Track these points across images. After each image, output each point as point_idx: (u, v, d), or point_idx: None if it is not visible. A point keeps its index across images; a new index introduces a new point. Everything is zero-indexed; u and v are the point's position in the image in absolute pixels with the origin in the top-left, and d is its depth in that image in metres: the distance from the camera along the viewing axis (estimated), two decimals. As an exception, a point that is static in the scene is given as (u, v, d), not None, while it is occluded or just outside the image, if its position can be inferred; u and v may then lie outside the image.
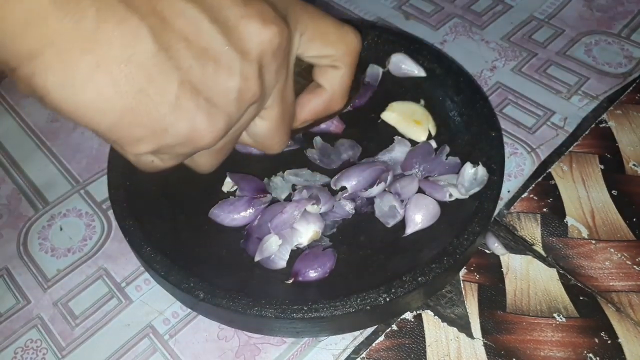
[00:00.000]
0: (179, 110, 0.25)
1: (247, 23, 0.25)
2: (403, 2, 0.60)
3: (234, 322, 0.37)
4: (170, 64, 0.24)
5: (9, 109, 0.53)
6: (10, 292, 0.41)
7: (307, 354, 0.37)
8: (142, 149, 0.26)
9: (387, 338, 0.37)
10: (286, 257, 0.38)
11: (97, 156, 0.49)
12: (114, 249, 0.43)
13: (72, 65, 0.22)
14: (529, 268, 0.40)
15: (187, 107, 0.25)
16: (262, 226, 0.39)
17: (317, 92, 0.33)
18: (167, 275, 0.36)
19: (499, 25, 0.57)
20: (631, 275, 0.39)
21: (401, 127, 0.45)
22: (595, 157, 0.46)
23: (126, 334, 0.38)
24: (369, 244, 0.39)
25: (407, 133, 0.45)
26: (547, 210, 0.43)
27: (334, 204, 0.40)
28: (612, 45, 0.54)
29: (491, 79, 0.52)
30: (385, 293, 0.34)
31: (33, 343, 0.38)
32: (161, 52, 0.23)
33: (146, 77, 0.23)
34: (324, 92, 0.33)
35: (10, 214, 0.46)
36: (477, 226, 0.37)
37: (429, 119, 0.45)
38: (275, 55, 0.27)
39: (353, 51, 0.32)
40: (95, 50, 0.22)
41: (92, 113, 0.23)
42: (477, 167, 0.40)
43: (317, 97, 0.33)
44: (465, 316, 0.38)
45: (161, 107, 0.24)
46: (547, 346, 0.36)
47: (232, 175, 0.42)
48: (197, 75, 0.25)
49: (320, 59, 0.32)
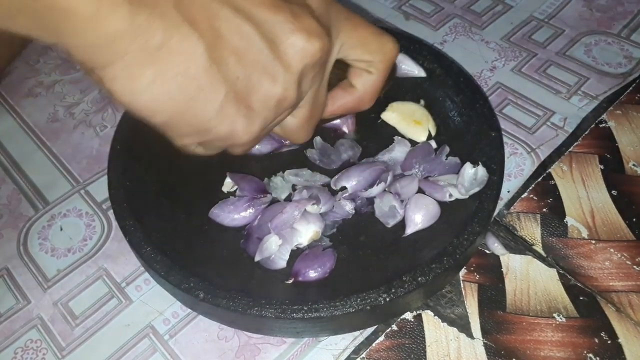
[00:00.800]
0: (222, 116, 0.28)
1: (294, 38, 0.28)
2: (403, 2, 0.60)
3: (234, 322, 0.37)
4: (219, 77, 0.27)
5: (9, 109, 0.53)
6: (10, 292, 0.41)
7: (307, 354, 0.37)
8: (187, 142, 0.30)
9: (387, 338, 0.37)
10: (286, 257, 0.38)
11: (97, 156, 0.49)
12: (114, 249, 0.43)
13: (135, 76, 0.25)
14: (529, 268, 0.40)
15: (230, 113, 0.28)
16: (262, 226, 0.39)
17: (350, 91, 0.36)
18: (167, 275, 0.36)
19: (499, 25, 0.57)
20: (631, 275, 0.39)
21: (401, 127, 0.45)
22: (595, 157, 0.46)
23: (126, 334, 0.38)
24: (369, 244, 0.39)
25: (407, 133, 0.45)
26: (547, 210, 0.43)
27: (334, 204, 0.40)
28: (612, 46, 0.54)
29: (491, 79, 0.52)
30: (385, 293, 0.34)
31: (33, 343, 0.38)
32: (213, 66, 0.26)
33: (196, 88, 0.27)
34: (355, 92, 0.36)
35: (10, 214, 0.46)
36: (477, 226, 0.37)
37: (429, 119, 0.45)
38: (315, 66, 0.29)
39: (390, 59, 0.35)
40: (155, 65, 0.25)
41: (148, 112, 0.27)
42: (477, 167, 0.40)
43: (348, 95, 0.36)
44: (465, 316, 0.38)
45: (207, 112, 0.28)
46: (547, 346, 0.36)
47: (232, 176, 0.42)
48: (242, 85, 0.28)
49: (357, 62, 0.34)
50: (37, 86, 0.55)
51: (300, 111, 0.33)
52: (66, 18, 0.23)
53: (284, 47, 0.28)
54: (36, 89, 0.55)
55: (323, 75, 0.32)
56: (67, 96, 0.54)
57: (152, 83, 0.26)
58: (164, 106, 0.27)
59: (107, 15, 0.23)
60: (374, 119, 0.46)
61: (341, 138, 0.45)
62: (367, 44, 0.33)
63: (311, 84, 0.31)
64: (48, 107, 0.53)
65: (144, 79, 0.25)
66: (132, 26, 0.24)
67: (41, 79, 0.56)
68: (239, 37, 0.27)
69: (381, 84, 0.36)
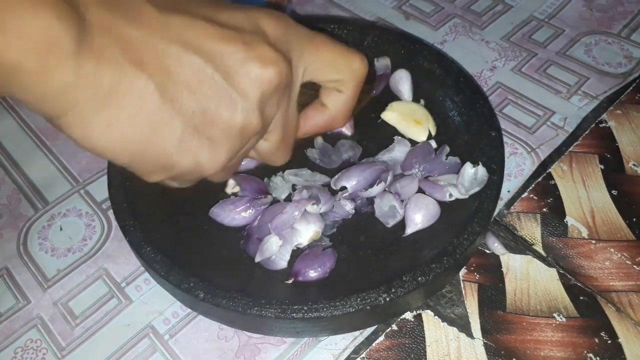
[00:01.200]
0: (183, 150, 0.28)
1: (248, 67, 0.28)
2: (403, 2, 0.60)
3: (234, 322, 0.37)
4: (174, 113, 0.27)
5: (9, 109, 0.53)
6: (10, 292, 0.41)
7: (307, 354, 0.37)
8: (155, 179, 0.30)
9: (387, 338, 0.37)
10: (287, 258, 0.38)
11: (97, 156, 0.49)
12: (114, 249, 0.43)
13: (89, 123, 0.26)
14: (529, 268, 0.40)
15: (190, 147, 0.28)
16: (262, 227, 0.39)
17: (321, 110, 0.36)
18: (167, 275, 0.36)
19: (499, 25, 0.57)
20: (631, 275, 0.39)
21: (401, 127, 0.45)
22: (595, 157, 0.46)
23: (126, 334, 0.38)
24: (369, 244, 0.39)
25: (407, 133, 0.45)
26: (547, 210, 0.43)
27: (334, 204, 0.40)
28: (612, 45, 0.54)
29: (491, 79, 0.52)
30: (385, 293, 0.34)
31: (33, 343, 0.38)
32: (166, 103, 0.27)
33: (152, 127, 0.27)
34: (327, 111, 0.35)
35: (10, 213, 0.46)
36: (477, 226, 0.37)
37: (429, 119, 0.45)
38: (275, 92, 0.29)
39: (359, 77, 0.34)
40: (107, 110, 0.26)
41: (109, 155, 0.28)
42: (477, 167, 0.40)
43: (320, 114, 0.36)
44: (465, 316, 0.38)
45: (167, 149, 0.28)
46: (547, 346, 0.36)
47: (234, 176, 0.42)
48: (200, 118, 0.28)
49: (327, 82, 0.34)
50: (37, 86, 0.55)
51: (271, 135, 0.33)
52: (13, 74, 0.23)
53: (239, 77, 0.28)
54: (36, 89, 0.55)
55: (289, 98, 0.32)
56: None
57: (107, 127, 0.26)
58: (123, 148, 0.27)
59: (53, 69, 0.23)
60: (374, 118, 0.46)
61: (342, 139, 0.45)
62: (333, 64, 0.33)
63: (277, 108, 0.31)
64: (48, 107, 0.53)
65: (98, 125, 0.26)
66: (80, 76, 0.24)
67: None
68: (190, 71, 0.27)
69: (352, 102, 0.35)
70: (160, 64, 0.26)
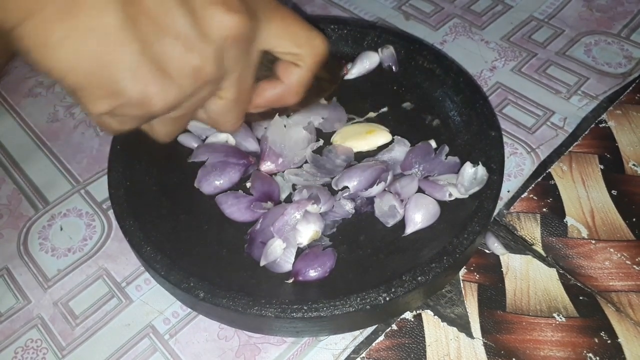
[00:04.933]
0: (135, 77, 0.28)
1: (213, 10, 0.28)
2: (403, 2, 0.60)
3: (234, 322, 0.37)
4: (132, 37, 0.26)
5: (9, 109, 0.53)
6: (11, 292, 0.41)
7: (307, 354, 0.37)
8: (99, 109, 0.29)
9: (387, 338, 0.37)
10: (291, 260, 0.38)
11: (97, 156, 0.49)
12: (114, 249, 0.43)
13: (47, 33, 0.25)
14: (529, 268, 0.40)
15: (143, 75, 0.28)
16: (265, 230, 0.39)
17: (274, 84, 0.35)
18: (167, 275, 0.36)
19: (499, 25, 0.57)
20: (631, 275, 0.39)
21: (358, 145, 0.45)
22: (595, 157, 0.46)
23: (126, 333, 0.38)
24: (369, 243, 0.39)
25: (368, 144, 0.44)
26: (546, 210, 0.43)
27: (334, 203, 0.40)
28: (611, 46, 0.54)
29: (491, 79, 0.52)
30: (385, 292, 0.34)
31: (33, 343, 0.38)
32: (128, 23, 0.26)
33: (109, 46, 0.26)
34: (280, 85, 0.35)
35: (10, 213, 0.46)
36: (477, 226, 0.37)
37: (380, 126, 0.45)
38: (235, 43, 0.29)
39: (318, 54, 0.34)
40: (67, 21, 0.25)
41: (61, 72, 0.27)
42: (477, 167, 0.40)
43: (274, 87, 0.35)
44: (465, 316, 0.38)
45: (119, 72, 0.27)
46: (547, 346, 0.36)
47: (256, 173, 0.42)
48: (157, 48, 0.27)
49: (285, 55, 0.34)
50: (37, 86, 0.55)
51: (225, 92, 0.32)
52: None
53: (202, 17, 0.28)
54: (36, 89, 0.55)
55: (248, 58, 0.31)
56: (67, 96, 0.54)
57: (64, 39, 0.26)
58: (76, 64, 0.26)
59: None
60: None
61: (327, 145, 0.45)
62: (295, 37, 0.33)
63: (234, 63, 0.30)
64: (48, 107, 0.53)
65: (57, 34, 0.25)
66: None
67: (41, 79, 0.56)
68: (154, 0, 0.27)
69: (307, 79, 0.35)
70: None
